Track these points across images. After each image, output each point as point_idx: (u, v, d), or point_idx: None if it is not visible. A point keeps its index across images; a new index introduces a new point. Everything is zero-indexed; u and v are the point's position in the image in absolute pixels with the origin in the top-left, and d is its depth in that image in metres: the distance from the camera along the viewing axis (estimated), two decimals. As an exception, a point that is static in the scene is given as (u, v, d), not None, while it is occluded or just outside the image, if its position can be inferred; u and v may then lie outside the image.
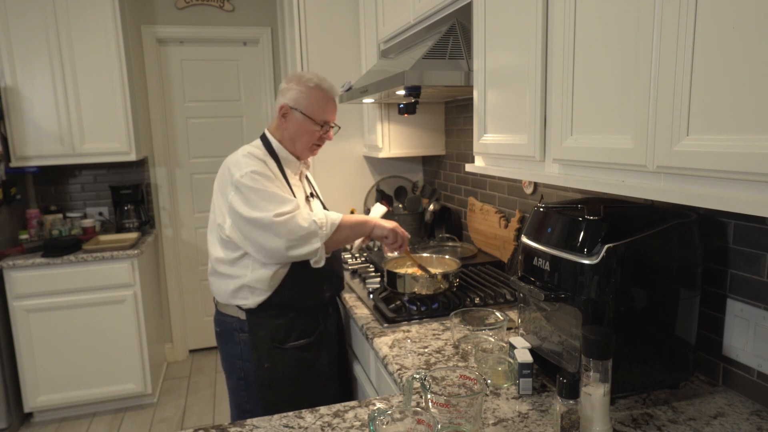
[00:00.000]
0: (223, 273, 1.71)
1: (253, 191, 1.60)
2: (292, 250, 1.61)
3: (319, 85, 1.72)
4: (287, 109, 1.72)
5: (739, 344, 1.19)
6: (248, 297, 1.69)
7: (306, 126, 1.72)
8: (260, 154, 1.69)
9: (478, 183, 2.44)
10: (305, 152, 1.78)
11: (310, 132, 1.73)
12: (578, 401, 1.01)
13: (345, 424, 1.14)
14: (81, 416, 3.17)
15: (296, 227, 1.59)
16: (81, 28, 3.06)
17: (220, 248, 1.71)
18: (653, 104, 0.88)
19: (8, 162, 3.02)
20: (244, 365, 1.75)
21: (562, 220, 1.22)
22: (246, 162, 1.64)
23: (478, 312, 1.57)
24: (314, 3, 2.77)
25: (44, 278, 2.92)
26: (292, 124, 1.73)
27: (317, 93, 1.72)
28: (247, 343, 1.73)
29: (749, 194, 0.76)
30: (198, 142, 3.86)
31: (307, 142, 1.75)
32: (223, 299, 1.75)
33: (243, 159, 1.66)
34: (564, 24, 1.12)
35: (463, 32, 1.71)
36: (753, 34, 0.72)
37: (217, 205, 1.70)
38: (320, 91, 1.72)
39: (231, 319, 1.75)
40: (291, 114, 1.72)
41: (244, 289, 1.68)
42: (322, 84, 1.73)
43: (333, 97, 1.76)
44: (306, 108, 1.71)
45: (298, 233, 1.59)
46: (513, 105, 1.36)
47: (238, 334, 1.74)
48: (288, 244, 1.59)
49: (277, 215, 1.57)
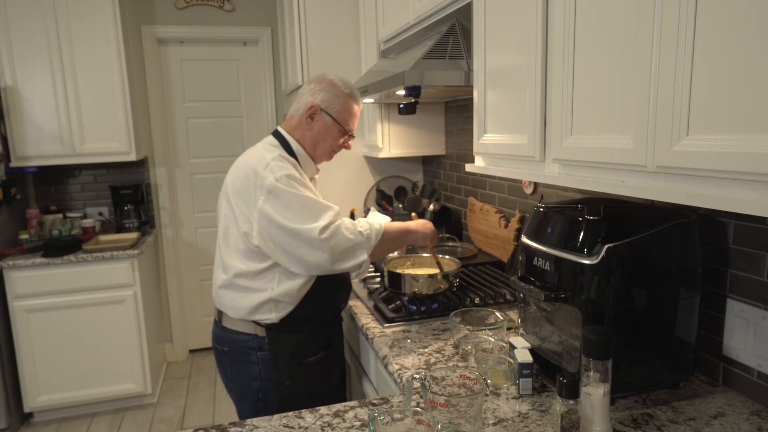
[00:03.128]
0: (244, 286, 1.57)
1: (294, 198, 1.48)
2: (338, 264, 1.51)
3: (352, 94, 1.68)
4: (317, 110, 1.64)
5: (739, 344, 1.19)
6: (271, 312, 1.57)
7: (333, 131, 1.65)
8: (290, 158, 1.60)
9: (478, 183, 2.44)
10: (323, 157, 1.70)
11: (335, 137, 1.67)
12: (578, 401, 1.01)
13: (345, 424, 1.14)
14: (81, 416, 3.17)
15: (343, 240, 1.50)
16: (81, 28, 3.06)
17: (241, 259, 1.57)
18: (653, 104, 0.88)
19: (8, 162, 3.02)
20: (262, 386, 1.63)
21: (562, 220, 1.22)
22: (278, 165, 1.52)
23: (478, 312, 1.57)
24: (314, 3, 2.77)
25: (44, 278, 2.92)
26: (319, 126, 1.65)
27: (350, 101, 1.67)
28: (267, 361, 1.60)
29: (749, 194, 0.76)
30: (198, 142, 3.86)
31: (329, 146, 1.68)
32: (240, 315, 1.60)
33: (274, 162, 1.52)
34: (564, 24, 1.12)
35: (463, 32, 1.71)
36: (753, 34, 0.72)
37: (239, 211, 1.54)
38: (353, 100, 1.68)
39: (246, 337, 1.61)
40: (320, 116, 1.64)
41: (269, 303, 1.56)
42: (354, 93, 1.69)
43: (360, 108, 1.73)
44: (338, 113, 1.64)
45: (345, 246, 1.50)
46: (513, 105, 1.36)
47: (255, 353, 1.61)
48: (334, 258, 1.49)
49: (323, 229, 1.47)
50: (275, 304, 1.57)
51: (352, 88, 1.69)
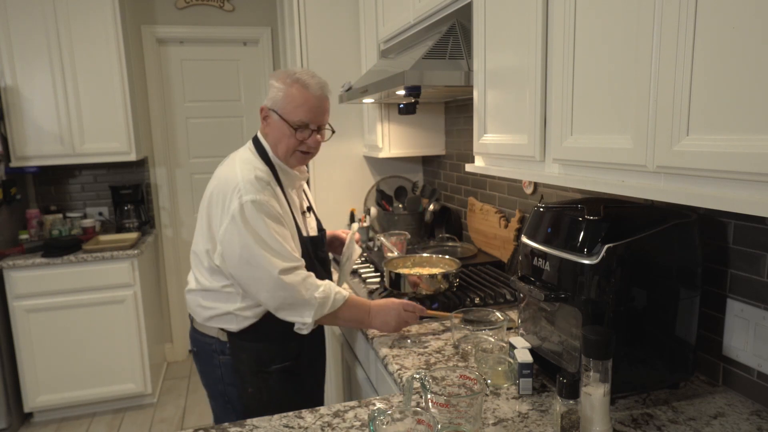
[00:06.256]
0: (206, 298, 1.55)
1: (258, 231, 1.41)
2: (281, 312, 1.47)
3: (299, 81, 1.49)
4: (267, 111, 1.54)
5: (739, 344, 1.19)
6: (232, 322, 1.54)
7: (283, 129, 1.51)
8: (264, 175, 1.49)
9: (478, 183, 2.44)
10: (290, 160, 1.56)
11: (288, 135, 1.51)
12: (578, 401, 1.01)
13: (345, 424, 1.14)
14: (81, 416, 3.17)
15: (295, 293, 1.44)
16: (81, 28, 3.06)
17: (206, 275, 1.54)
18: (653, 104, 0.88)
19: (8, 162, 3.02)
20: (227, 389, 1.61)
21: (562, 220, 1.22)
22: (246, 188, 1.43)
23: (478, 312, 1.57)
24: (314, 3, 2.77)
25: (44, 278, 2.92)
26: (272, 127, 1.54)
27: (295, 91, 1.49)
28: (229, 366, 1.58)
29: (749, 194, 0.76)
30: (198, 142, 3.86)
31: (285, 148, 1.53)
32: (202, 321, 1.58)
33: (242, 183, 1.44)
34: (564, 24, 1.12)
35: (463, 32, 1.71)
36: (753, 34, 0.72)
37: (206, 227, 1.51)
38: (299, 89, 1.49)
39: (210, 340, 1.59)
40: (270, 116, 1.54)
41: (229, 315, 1.53)
42: (303, 79, 1.50)
43: (317, 96, 1.51)
44: (282, 108, 1.50)
45: (295, 299, 1.44)
46: (513, 105, 1.36)
47: (218, 356, 1.58)
48: (279, 305, 1.45)
49: (282, 272, 1.41)
50: (236, 317, 1.53)
51: (304, 75, 1.51)
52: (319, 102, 1.52)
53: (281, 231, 1.46)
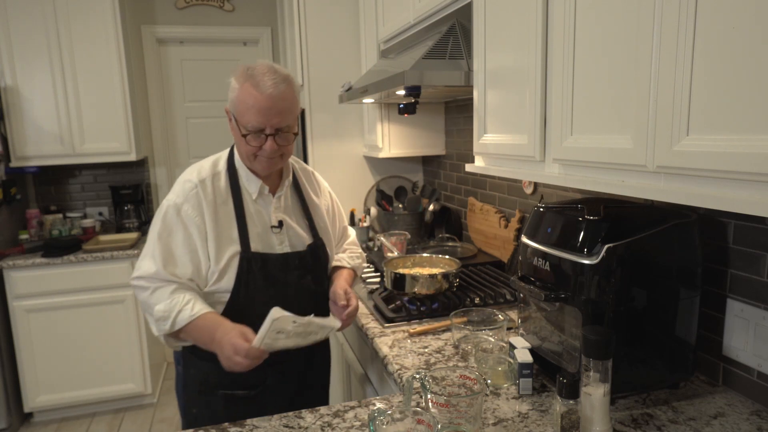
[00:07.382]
0: None
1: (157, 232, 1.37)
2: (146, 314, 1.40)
3: (250, 78, 1.29)
4: (228, 113, 1.39)
5: (739, 344, 1.19)
6: None
7: (237, 134, 1.35)
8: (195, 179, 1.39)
9: (478, 183, 2.44)
10: (255, 166, 1.39)
11: (243, 142, 1.34)
12: (578, 401, 1.01)
13: (345, 424, 1.14)
14: (81, 416, 3.17)
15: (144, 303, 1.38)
16: (81, 28, 3.06)
17: None
18: (653, 104, 0.88)
19: (8, 162, 3.02)
20: (179, 401, 1.54)
21: (562, 220, 1.22)
22: (175, 189, 1.40)
23: (478, 312, 1.57)
24: (314, 3, 2.77)
25: (44, 278, 2.92)
26: (232, 128, 1.38)
27: (245, 91, 1.29)
28: (180, 378, 1.50)
29: (749, 194, 0.76)
30: (198, 142, 3.86)
31: (244, 153, 1.38)
32: None
33: (178, 185, 1.41)
34: (564, 24, 1.12)
35: (463, 32, 1.71)
36: (753, 34, 0.72)
37: None
38: (249, 89, 1.28)
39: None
40: (229, 117, 1.38)
41: None
42: (255, 76, 1.29)
43: (268, 95, 1.28)
44: (235, 110, 1.33)
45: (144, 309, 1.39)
46: (513, 105, 1.36)
47: (177, 366, 1.53)
48: (143, 307, 1.40)
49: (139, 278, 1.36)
50: None
51: (254, 71, 1.30)
52: (272, 102, 1.28)
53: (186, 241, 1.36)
